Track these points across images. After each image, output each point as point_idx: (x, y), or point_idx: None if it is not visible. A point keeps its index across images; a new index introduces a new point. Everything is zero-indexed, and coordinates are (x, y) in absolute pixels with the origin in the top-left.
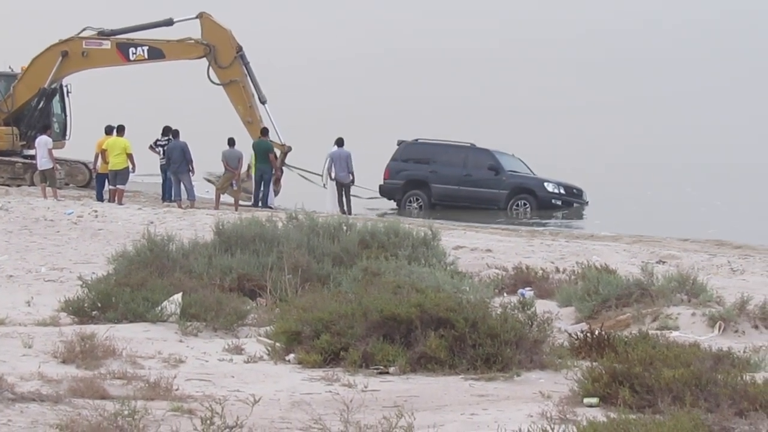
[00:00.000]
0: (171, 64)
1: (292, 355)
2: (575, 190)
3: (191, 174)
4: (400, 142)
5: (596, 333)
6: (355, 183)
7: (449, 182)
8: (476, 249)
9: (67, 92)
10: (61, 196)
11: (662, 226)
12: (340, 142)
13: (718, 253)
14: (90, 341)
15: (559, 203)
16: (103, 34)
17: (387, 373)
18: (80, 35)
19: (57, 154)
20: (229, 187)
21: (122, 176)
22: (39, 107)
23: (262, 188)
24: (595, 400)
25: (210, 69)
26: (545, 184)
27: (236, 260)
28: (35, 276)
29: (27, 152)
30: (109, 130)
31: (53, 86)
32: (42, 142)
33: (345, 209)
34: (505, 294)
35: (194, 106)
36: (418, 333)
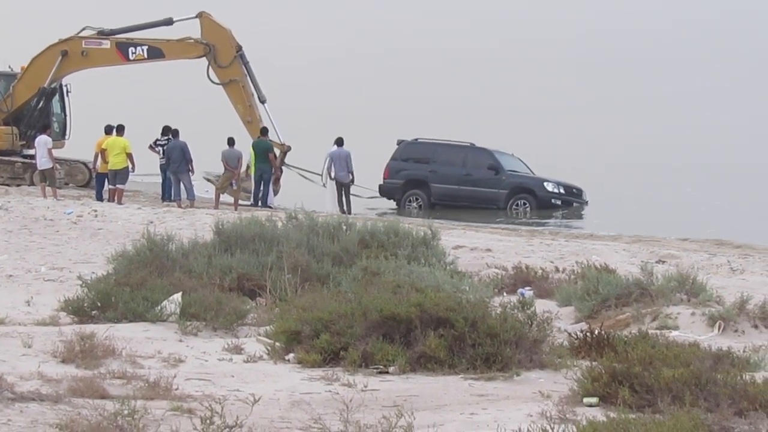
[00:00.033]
0: (170, 64)
1: (292, 355)
2: (575, 190)
3: (191, 174)
4: (400, 142)
5: (596, 332)
6: (355, 182)
7: (449, 182)
8: (476, 248)
9: (67, 92)
10: (61, 196)
11: (662, 226)
12: (340, 142)
13: (718, 253)
14: (90, 341)
15: (559, 203)
16: (103, 34)
17: (387, 373)
18: (80, 35)
19: (57, 154)
20: (229, 187)
21: (122, 176)
22: (39, 107)
23: (262, 188)
24: (595, 400)
25: (210, 68)
26: (545, 184)
27: (236, 260)
28: (35, 275)
29: (27, 152)
30: (109, 130)
31: (53, 86)
32: (42, 142)
33: (345, 209)
34: (505, 293)
35: (194, 106)
36: (418, 333)
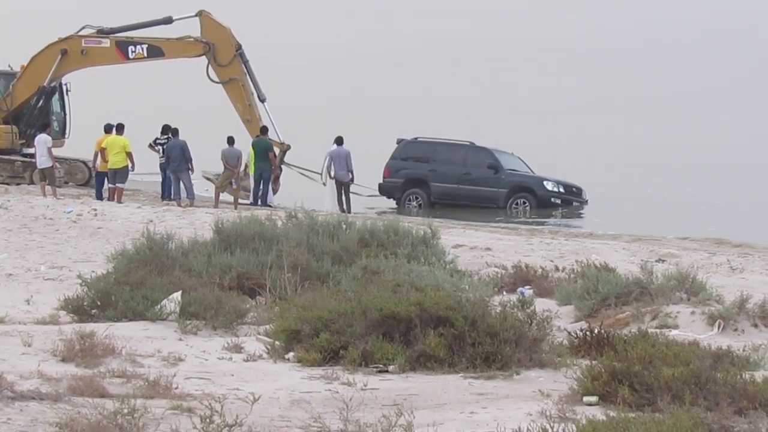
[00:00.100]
0: (170, 63)
1: (292, 354)
2: (574, 189)
3: (190, 172)
4: (400, 141)
5: (595, 331)
6: (355, 181)
7: (449, 181)
8: (476, 247)
9: (67, 90)
10: (61, 195)
11: (662, 226)
12: (340, 141)
13: (718, 252)
14: (89, 340)
15: (559, 202)
16: (103, 33)
17: (386, 372)
18: (79, 33)
19: (56, 153)
20: (229, 186)
21: (121, 175)
22: (38, 106)
23: (262, 186)
24: (595, 399)
25: (209, 67)
26: (544, 183)
27: (236, 259)
28: (35, 274)
29: (26, 151)
30: (109, 129)
31: (53, 84)
32: (41, 141)
33: (344, 208)
34: (505, 292)
35: (193, 105)
36: (418, 331)
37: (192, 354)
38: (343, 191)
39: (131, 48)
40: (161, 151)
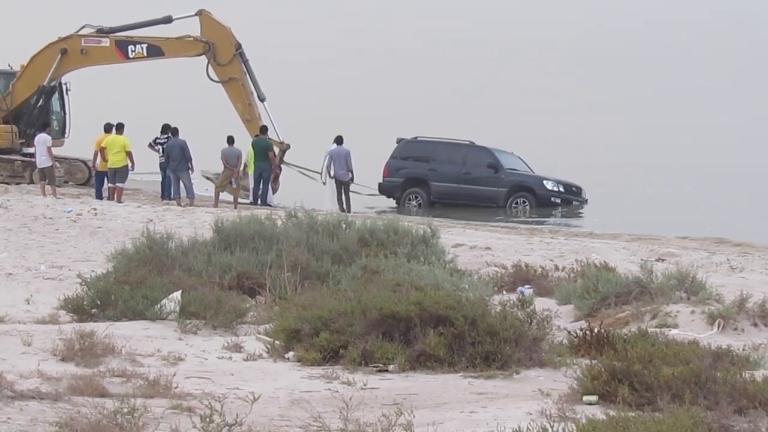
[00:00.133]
0: (170, 62)
1: (292, 353)
2: (574, 188)
3: (190, 172)
4: (400, 140)
5: (595, 331)
6: (354, 181)
7: (448, 180)
8: (475, 247)
9: (67, 90)
10: (61, 194)
11: (661, 225)
12: (340, 140)
13: (718, 251)
14: (89, 339)
15: (559, 201)
16: (102, 32)
17: (386, 371)
18: (79, 33)
19: (56, 152)
20: (228, 185)
21: (121, 174)
22: (38, 105)
23: (261, 186)
24: (595, 398)
25: (209, 66)
26: (544, 182)
27: (235, 258)
28: (34, 274)
29: (26, 150)
30: (108, 128)
31: (52, 84)
32: (41, 140)
33: (344, 207)
34: (505, 292)
35: (193, 104)
36: (418, 331)
37: (192, 353)
38: (343, 190)
39: (131, 47)
40: (161, 151)
